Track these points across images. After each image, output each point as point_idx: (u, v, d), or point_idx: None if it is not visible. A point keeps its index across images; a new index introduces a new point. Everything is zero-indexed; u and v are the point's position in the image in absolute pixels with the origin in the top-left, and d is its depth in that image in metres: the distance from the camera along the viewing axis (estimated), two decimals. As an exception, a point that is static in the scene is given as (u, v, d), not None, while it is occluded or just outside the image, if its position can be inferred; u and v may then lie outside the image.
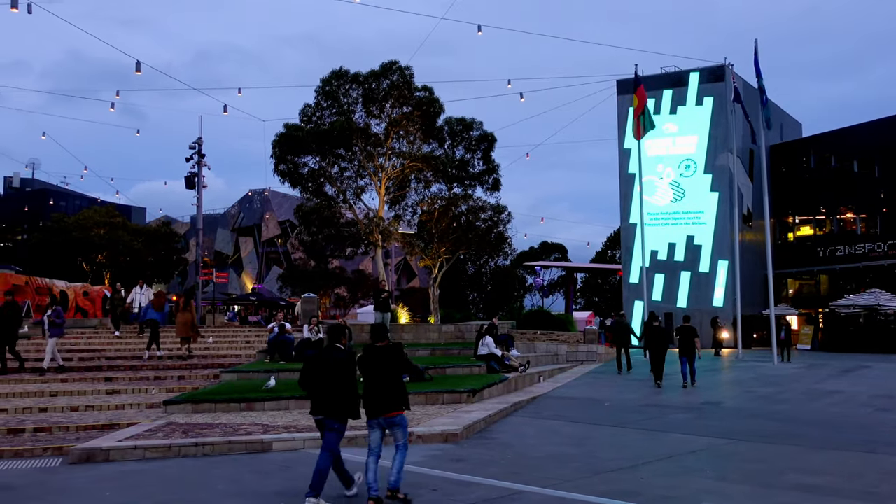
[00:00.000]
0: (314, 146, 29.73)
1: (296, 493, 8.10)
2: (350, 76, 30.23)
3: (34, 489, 8.56)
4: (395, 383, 7.84)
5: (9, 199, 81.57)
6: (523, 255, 70.54)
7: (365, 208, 32.18)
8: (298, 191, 32.96)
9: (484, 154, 33.51)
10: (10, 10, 22.56)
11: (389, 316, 24.27)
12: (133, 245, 45.95)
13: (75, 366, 18.52)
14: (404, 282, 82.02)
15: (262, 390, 14.45)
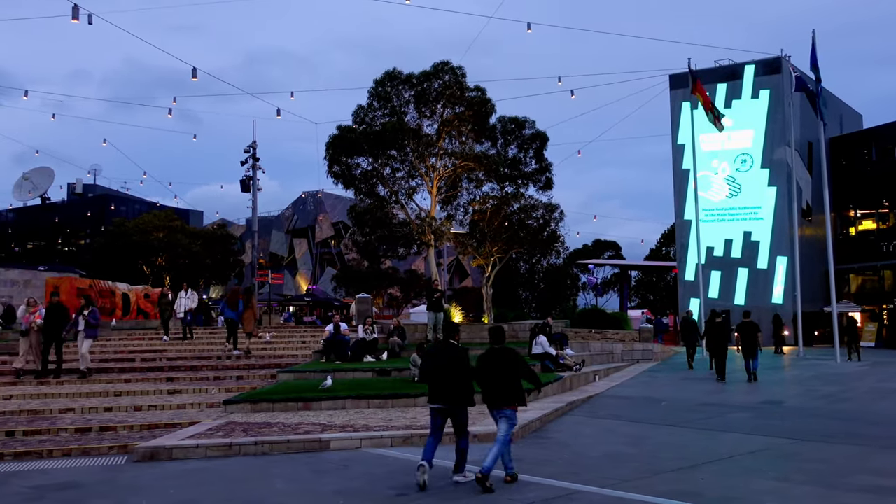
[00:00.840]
0: (367, 147, 29.93)
1: (354, 492, 8.19)
2: (402, 77, 30.36)
3: (102, 486, 8.81)
4: (512, 382, 8.62)
5: (72, 204, 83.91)
6: (576, 254, 70.03)
7: (417, 208, 32.28)
8: (351, 192, 33.21)
9: (536, 152, 33.32)
10: (72, 21, 23.25)
11: (443, 316, 24.30)
12: (191, 248, 46.89)
13: (137, 366, 19.00)
14: (457, 281, 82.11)
15: (318, 390, 14.62)
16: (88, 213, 79.86)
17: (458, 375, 8.65)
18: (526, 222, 31.37)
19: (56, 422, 12.69)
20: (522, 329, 25.32)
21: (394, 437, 10.98)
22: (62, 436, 11.84)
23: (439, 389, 8.69)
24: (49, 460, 10.45)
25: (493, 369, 8.64)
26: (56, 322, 17.37)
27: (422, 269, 66.88)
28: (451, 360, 8.69)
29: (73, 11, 23.01)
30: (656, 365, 24.31)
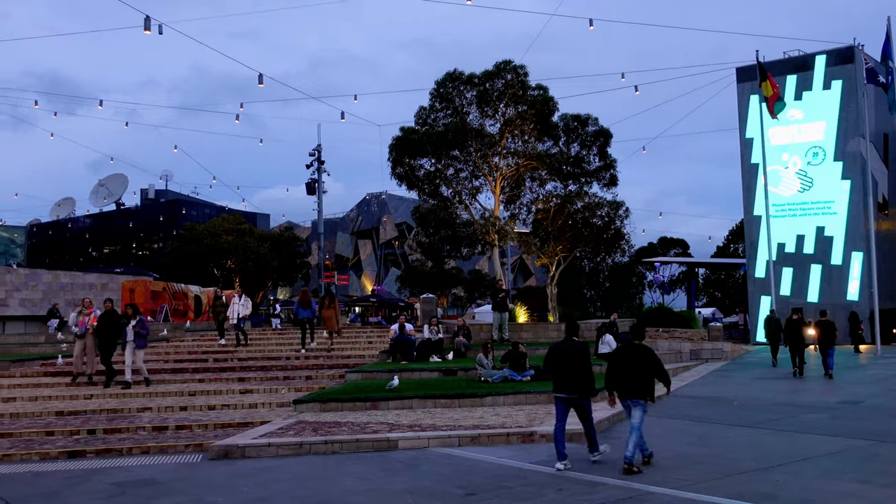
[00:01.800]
0: (429, 148, 30.12)
1: (424, 491, 8.25)
2: (464, 77, 30.44)
3: (179, 483, 9.07)
4: (645, 375, 9.34)
5: (145, 209, 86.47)
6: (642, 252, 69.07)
7: (480, 208, 32.34)
8: (415, 193, 33.48)
9: (600, 150, 33.07)
10: (144, 31, 23.99)
11: (507, 315, 24.29)
12: (259, 250, 47.82)
13: (210, 367, 19.49)
14: (521, 280, 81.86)
15: (385, 390, 14.77)
16: (161, 217, 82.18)
17: (581, 368, 9.51)
18: (590, 220, 31.11)
19: (134, 420, 13.12)
20: (588, 329, 25.09)
21: (461, 436, 11.02)
22: (140, 434, 12.24)
23: (564, 381, 9.53)
24: (129, 457, 10.81)
25: (628, 363, 9.39)
26: (109, 329, 17.12)
27: (485, 268, 66.90)
28: (574, 354, 9.57)
29: (146, 22, 23.75)
30: (726, 364, 23.80)
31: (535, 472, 9.09)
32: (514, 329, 24.78)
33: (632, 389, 9.31)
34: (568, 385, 9.50)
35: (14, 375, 18.62)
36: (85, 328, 17.36)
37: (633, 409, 9.28)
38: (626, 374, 9.37)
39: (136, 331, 16.89)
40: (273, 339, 25.32)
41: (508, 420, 12.37)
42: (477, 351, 18.36)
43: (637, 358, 9.38)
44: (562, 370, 9.57)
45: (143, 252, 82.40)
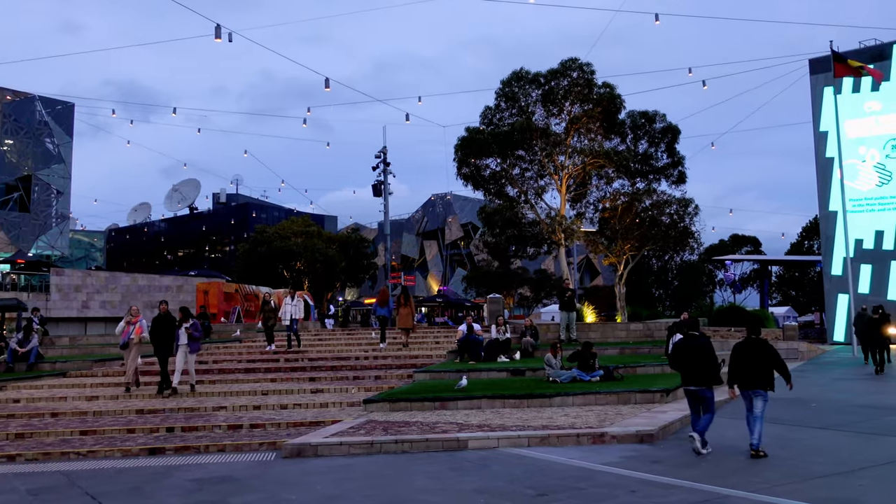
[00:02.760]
0: (495, 148, 30.08)
1: (495, 491, 8.25)
2: (529, 76, 30.31)
3: (255, 481, 9.28)
4: (765, 368, 9.98)
5: (217, 213, 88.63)
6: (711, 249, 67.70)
7: (546, 207, 32.13)
8: (480, 193, 33.48)
9: (668, 146, 32.54)
10: (214, 40, 24.59)
11: (575, 315, 24.10)
12: (327, 252, 48.52)
13: (282, 367, 19.84)
14: (587, 280, 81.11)
15: (454, 389, 14.82)
16: (232, 220, 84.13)
17: (707, 361, 10.26)
18: (658, 218, 30.64)
19: (210, 419, 13.47)
20: (658, 328, 24.73)
21: (531, 436, 10.99)
22: (216, 432, 12.55)
23: (691, 373, 10.35)
24: (206, 455, 11.10)
25: (750, 357, 10.04)
26: (163, 333, 16.50)
27: (551, 268, 66.49)
28: (699, 349, 10.39)
29: (216, 31, 24.33)
30: (802, 364, 23.14)
31: (607, 473, 9.00)
32: (582, 329, 24.57)
33: (754, 381, 9.96)
34: (694, 377, 10.31)
35: (96, 375, 19.31)
36: (129, 337, 16.80)
37: (755, 399, 9.95)
38: (748, 366, 10.01)
39: (190, 333, 16.39)
40: (343, 339, 25.65)
41: (578, 420, 12.28)
42: (544, 351, 18.27)
43: (758, 351, 10.04)
44: (688, 364, 10.37)
45: (215, 254, 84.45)
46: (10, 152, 54.23)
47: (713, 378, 10.34)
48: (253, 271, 46.52)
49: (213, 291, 31.61)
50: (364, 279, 58.82)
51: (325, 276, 49.38)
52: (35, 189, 55.36)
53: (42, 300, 38.31)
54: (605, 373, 16.24)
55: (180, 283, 40.43)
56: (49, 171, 56.00)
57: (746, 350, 10.15)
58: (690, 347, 10.50)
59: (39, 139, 55.63)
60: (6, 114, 53.84)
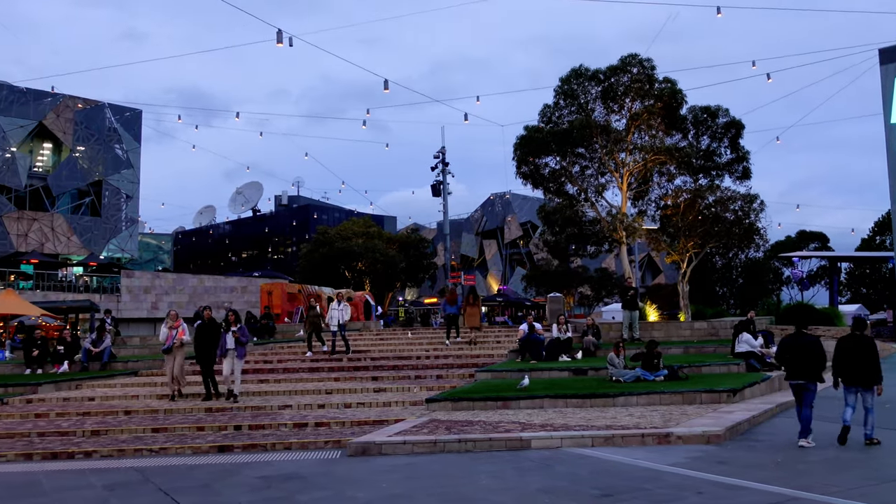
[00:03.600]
0: (554, 146, 29.87)
1: (559, 491, 8.22)
2: (589, 73, 30.02)
3: (321, 478, 9.42)
4: (871, 364, 10.46)
5: (279, 215, 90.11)
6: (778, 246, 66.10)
7: (607, 205, 31.78)
8: (540, 192, 33.29)
9: (731, 142, 31.87)
10: (276, 44, 25.02)
11: (637, 314, 23.81)
12: (387, 252, 48.89)
13: (345, 366, 20.10)
14: (649, 278, 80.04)
15: (516, 389, 14.80)
16: (294, 222, 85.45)
17: (813, 357, 10.74)
18: (722, 215, 30.01)
19: (276, 417, 13.72)
20: (724, 327, 24.25)
21: (595, 436, 10.91)
22: (282, 430, 12.78)
23: (796, 368, 10.82)
24: (273, 453, 11.32)
25: (856, 353, 10.51)
26: (208, 339, 15.97)
27: (612, 266, 65.80)
28: (806, 345, 10.88)
29: (278, 36, 24.77)
30: (876, 364, 22.43)
31: (673, 473, 8.88)
32: (645, 328, 24.26)
33: (860, 377, 10.44)
34: (800, 372, 10.77)
35: (166, 374, 19.81)
36: (172, 343, 16.34)
37: (864, 394, 10.47)
38: (855, 363, 10.49)
39: (237, 338, 15.66)
40: (404, 338, 25.82)
41: (642, 420, 12.14)
42: (606, 350, 18.11)
43: (865, 348, 10.52)
44: (796, 359, 10.84)
45: (277, 256, 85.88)
46: (82, 158, 56.07)
47: (818, 374, 10.75)
48: (315, 272, 47.13)
49: (276, 292, 32.14)
50: (424, 279, 59.01)
51: (386, 276, 49.74)
52: (106, 194, 57.11)
53: (113, 301, 39.51)
54: (669, 372, 16.02)
55: (245, 284, 41.22)
56: (119, 176, 57.72)
57: (851, 346, 10.59)
58: (800, 344, 10.94)
59: (109, 145, 57.37)
60: (78, 121, 55.66)
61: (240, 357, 15.73)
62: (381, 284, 50.05)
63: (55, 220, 54.17)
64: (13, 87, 53.61)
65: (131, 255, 59.24)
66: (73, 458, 11.49)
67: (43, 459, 11.47)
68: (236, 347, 15.60)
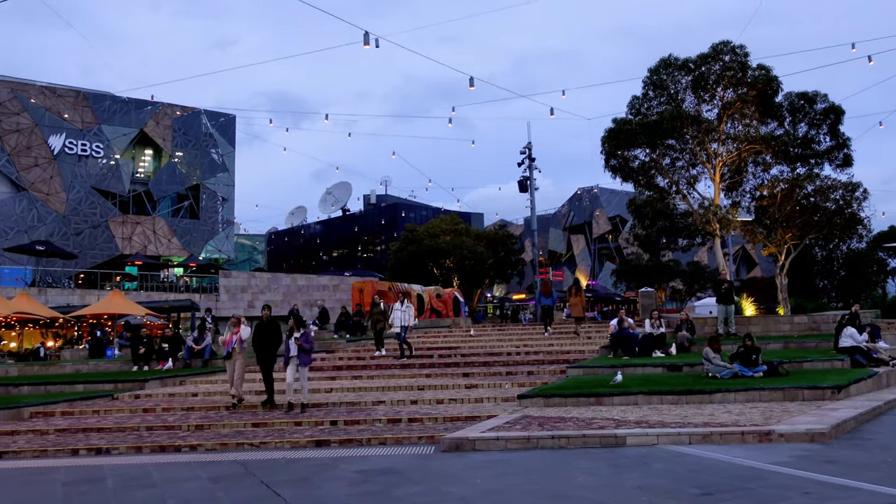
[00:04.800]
0: (643, 138, 29.35)
1: (657, 489, 8.08)
2: (678, 63, 29.37)
3: (415, 474, 9.53)
4: None
5: (367, 214, 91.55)
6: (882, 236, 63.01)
7: (699, 197, 31.04)
8: (629, 185, 32.83)
9: (830, 128, 30.68)
10: (363, 46, 25.38)
11: (733, 308, 23.16)
12: (475, 249, 49.01)
13: (436, 362, 20.27)
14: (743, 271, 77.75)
15: (609, 385, 14.62)
16: (382, 221, 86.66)
17: None
18: (822, 205, 28.92)
19: (371, 413, 13.95)
20: (825, 321, 23.33)
21: (692, 434, 10.67)
22: (377, 426, 12.99)
23: None
24: (368, 448, 11.52)
25: None
26: (267, 342, 15.33)
27: (705, 259, 64.21)
28: None
29: (365, 37, 25.13)
30: None
31: (776, 473, 8.61)
32: (742, 322, 23.57)
33: None
34: None
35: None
36: (231, 347, 15.55)
37: None
38: None
39: (299, 344, 14.71)
40: (494, 334, 25.86)
41: (741, 418, 11.81)
42: (701, 346, 17.70)
43: None
44: None
45: (367, 254, 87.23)
46: (181, 163, 58.25)
47: None
48: (404, 269, 47.65)
49: (367, 290, 32.62)
50: (512, 275, 58.92)
51: (474, 272, 49.87)
52: (203, 197, 59.19)
53: (212, 301, 40.90)
54: (768, 368, 15.53)
55: (336, 283, 42.02)
56: (215, 179, 59.70)
57: None
58: None
59: (206, 150, 59.42)
60: (176, 128, 57.86)
61: (303, 364, 14.74)
62: (469, 281, 50.22)
63: (157, 224, 56.47)
64: (116, 98, 56.11)
65: (228, 255, 61.18)
66: (180, 451, 11.98)
67: (152, 452, 12.01)
68: (299, 355, 14.70)
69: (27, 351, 34.67)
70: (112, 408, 16.22)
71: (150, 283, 45.61)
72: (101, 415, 15.75)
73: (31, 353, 33.68)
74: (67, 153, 52.60)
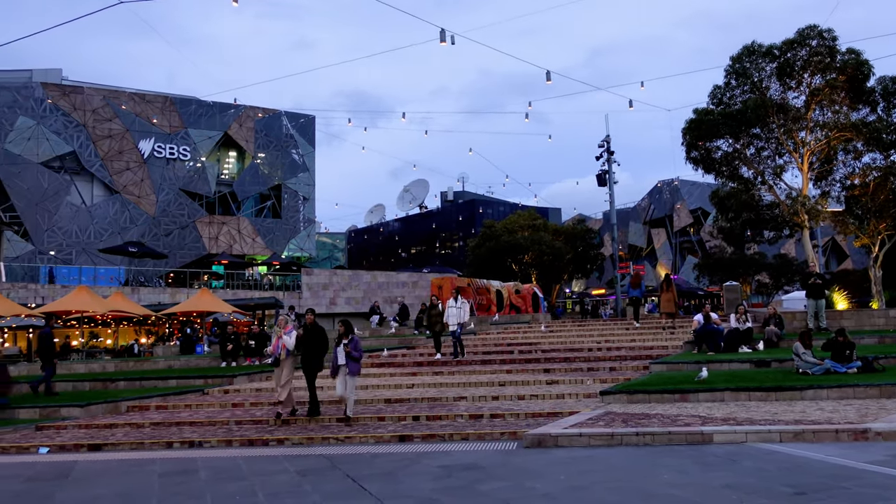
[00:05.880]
0: (726, 128, 28.63)
1: (747, 488, 7.89)
2: (762, 50, 28.52)
3: (499, 469, 9.55)
4: None
5: (445, 210, 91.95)
6: None
7: (786, 188, 30.11)
8: (711, 177, 32.09)
9: (927, 113, 29.30)
10: (440, 43, 25.50)
11: (824, 302, 22.35)
12: (554, 244, 48.69)
13: (516, 358, 20.23)
14: (833, 264, 74.97)
15: (694, 381, 14.34)
16: (460, 217, 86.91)
17: None
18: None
19: (452, 408, 14.04)
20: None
21: (783, 431, 10.37)
22: (458, 421, 13.07)
23: None
24: (450, 443, 11.60)
25: None
26: (311, 347, 14.30)
27: (792, 252, 62.20)
28: None
29: (441, 35, 25.26)
30: None
31: (874, 472, 8.29)
32: (833, 317, 22.72)
33: None
34: None
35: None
36: (278, 353, 14.37)
37: None
38: None
39: (348, 352, 13.51)
40: (574, 330, 25.66)
41: (835, 415, 11.41)
42: (790, 341, 17.17)
43: None
44: None
45: (445, 251, 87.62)
46: (263, 164, 59.71)
47: None
48: (482, 266, 47.69)
49: (446, 286, 32.75)
50: (591, 270, 58.28)
51: (553, 268, 49.54)
52: (285, 196, 60.53)
53: (295, 298, 41.80)
54: (863, 364, 14.96)
55: (415, 279, 42.42)
56: (296, 179, 60.97)
57: None
58: None
59: (287, 151, 60.73)
60: (258, 130, 59.32)
61: (352, 374, 13.49)
62: (548, 276, 49.92)
63: (241, 223, 58.02)
64: (201, 102, 57.89)
65: (309, 253, 62.39)
66: (268, 444, 12.31)
67: (241, 446, 12.38)
68: (348, 363, 13.46)
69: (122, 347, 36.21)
70: (203, 402, 16.79)
71: (235, 281, 46.91)
72: (193, 409, 16.32)
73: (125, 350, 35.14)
74: (156, 157, 54.55)
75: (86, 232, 51.60)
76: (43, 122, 50.94)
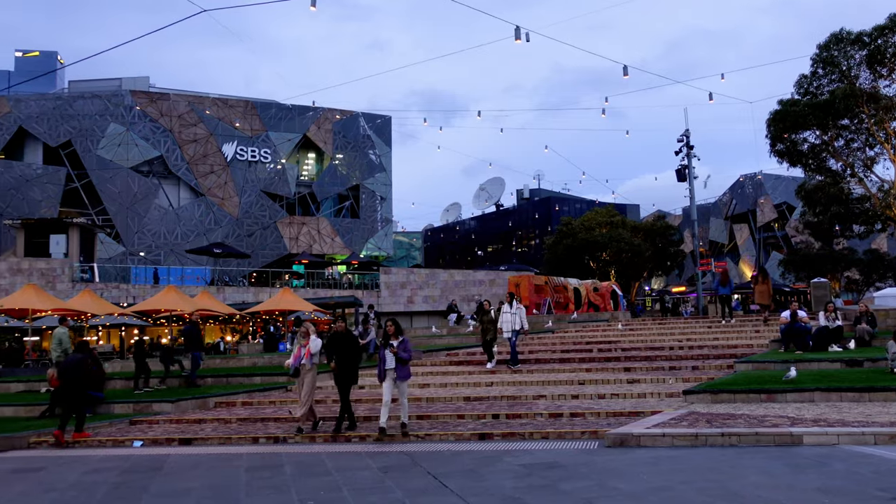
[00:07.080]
0: (812, 119, 27.73)
1: (838, 491, 7.65)
2: (851, 37, 27.50)
3: (581, 468, 9.49)
4: None
5: (521, 209, 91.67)
6: None
7: (878, 180, 28.98)
8: (797, 170, 31.17)
9: None
10: (515, 41, 25.44)
11: (921, 299, 21.43)
12: (632, 241, 48.02)
13: (595, 356, 20.05)
14: (931, 259, 71.63)
15: (781, 381, 13.94)
16: (536, 215, 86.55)
17: None
18: None
19: (532, 407, 14.01)
20: None
21: (877, 434, 9.99)
22: (538, 420, 13.03)
23: None
24: (530, 441, 11.57)
25: None
26: (342, 357, 13.11)
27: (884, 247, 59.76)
28: None
29: (516, 32, 25.20)
30: None
31: (978, 477, 7.93)
32: (931, 315, 21.74)
33: None
34: None
35: (425, 364, 20.94)
36: (299, 362, 13.35)
37: None
38: None
39: (397, 354, 12.20)
40: (654, 328, 25.27)
41: (934, 417, 10.93)
42: (884, 339, 16.52)
43: None
44: None
45: (521, 249, 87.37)
46: (341, 165, 60.70)
47: None
48: (559, 263, 47.39)
49: (523, 284, 32.69)
50: (671, 267, 57.25)
51: (632, 265, 48.86)
52: (362, 197, 61.42)
53: (373, 297, 42.37)
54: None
55: (492, 278, 42.44)
56: (373, 179, 61.78)
57: None
58: None
59: (364, 151, 61.60)
60: (336, 131, 60.33)
61: (402, 378, 12.29)
62: (626, 274, 49.26)
63: (320, 224, 59.11)
64: (281, 105, 59.23)
65: (387, 253, 63.13)
66: (350, 441, 12.52)
67: (324, 442, 12.64)
68: (397, 367, 12.23)
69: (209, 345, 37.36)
70: (286, 399, 17.19)
71: (315, 280, 47.83)
72: (277, 405, 16.72)
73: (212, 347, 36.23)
74: (239, 159, 56.08)
75: (173, 233, 53.44)
76: (132, 129, 53.01)
